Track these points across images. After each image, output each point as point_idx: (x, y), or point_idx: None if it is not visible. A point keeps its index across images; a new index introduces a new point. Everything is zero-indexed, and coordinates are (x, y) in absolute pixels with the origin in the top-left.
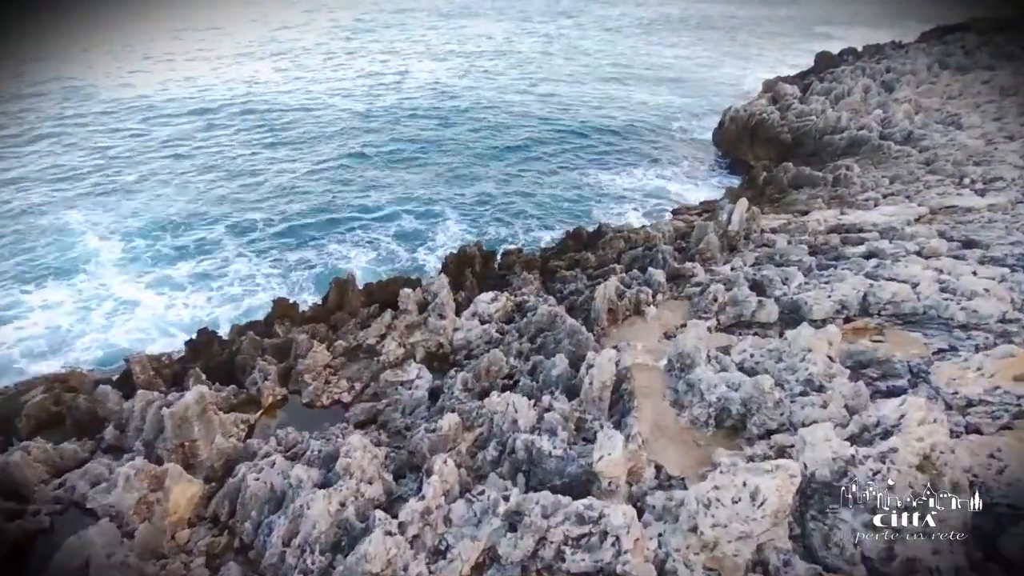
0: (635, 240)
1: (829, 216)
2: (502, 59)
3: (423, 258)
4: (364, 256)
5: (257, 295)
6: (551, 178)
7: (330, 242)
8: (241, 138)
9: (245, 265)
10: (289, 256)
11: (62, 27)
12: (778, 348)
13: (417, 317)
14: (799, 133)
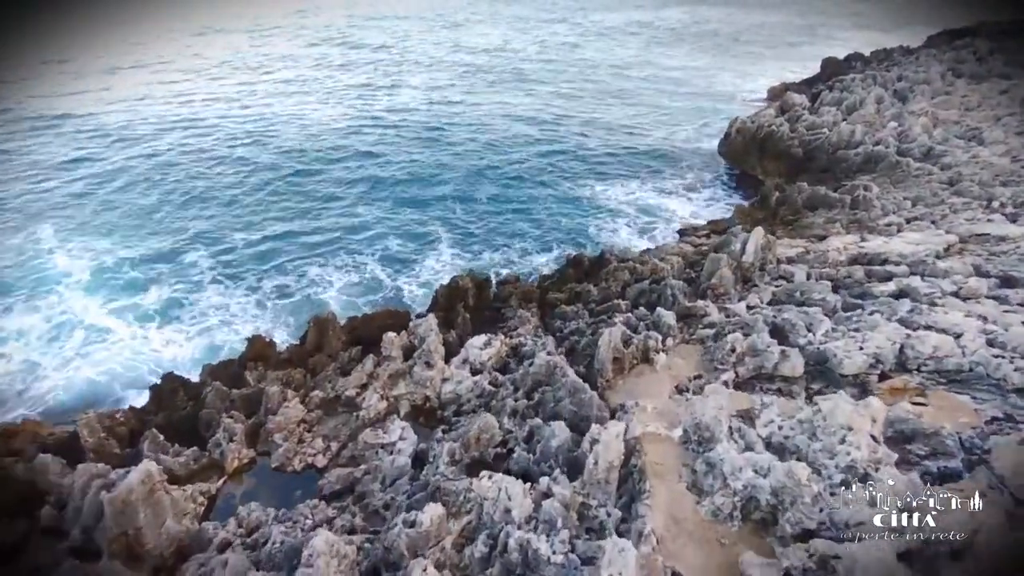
0: (641, 272)
1: (849, 243)
2: (497, 65)
3: (411, 285)
4: (347, 281)
5: (233, 325)
6: (546, 192)
7: (311, 265)
8: (221, 152)
9: (219, 293)
10: (266, 283)
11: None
12: (811, 421)
13: (402, 365)
14: (811, 147)
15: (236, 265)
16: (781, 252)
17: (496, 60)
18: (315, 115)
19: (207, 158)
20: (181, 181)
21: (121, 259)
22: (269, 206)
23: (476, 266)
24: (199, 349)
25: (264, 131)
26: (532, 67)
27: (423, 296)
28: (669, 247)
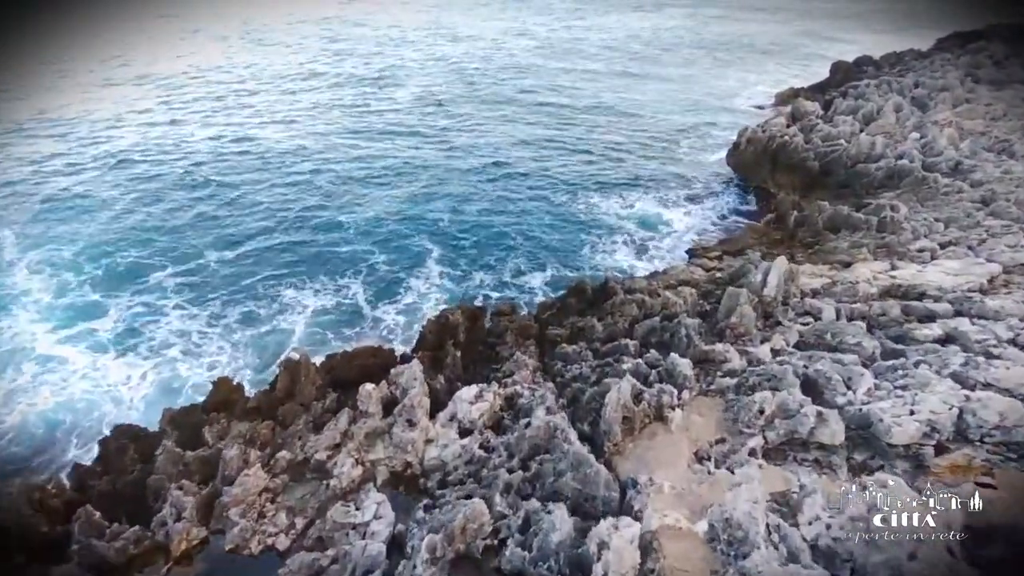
0: (651, 306)
1: (878, 271)
2: (490, 69)
3: (395, 312)
4: (324, 306)
5: (198, 357)
6: (540, 205)
7: (286, 287)
8: (200, 160)
9: (183, 318)
10: (234, 309)
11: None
12: (866, 521)
13: (380, 422)
14: (827, 160)
15: (204, 287)
16: (804, 282)
17: (490, 64)
18: (301, 122)
19: (183, 168)
20: (155, 192)
21: (83, 276)
22: (245, 220)
23: (466, 286)
24: (158, 385)
25: (245, 139)
26: (527, 70)
27: (407, 324)
28: (678, 271)
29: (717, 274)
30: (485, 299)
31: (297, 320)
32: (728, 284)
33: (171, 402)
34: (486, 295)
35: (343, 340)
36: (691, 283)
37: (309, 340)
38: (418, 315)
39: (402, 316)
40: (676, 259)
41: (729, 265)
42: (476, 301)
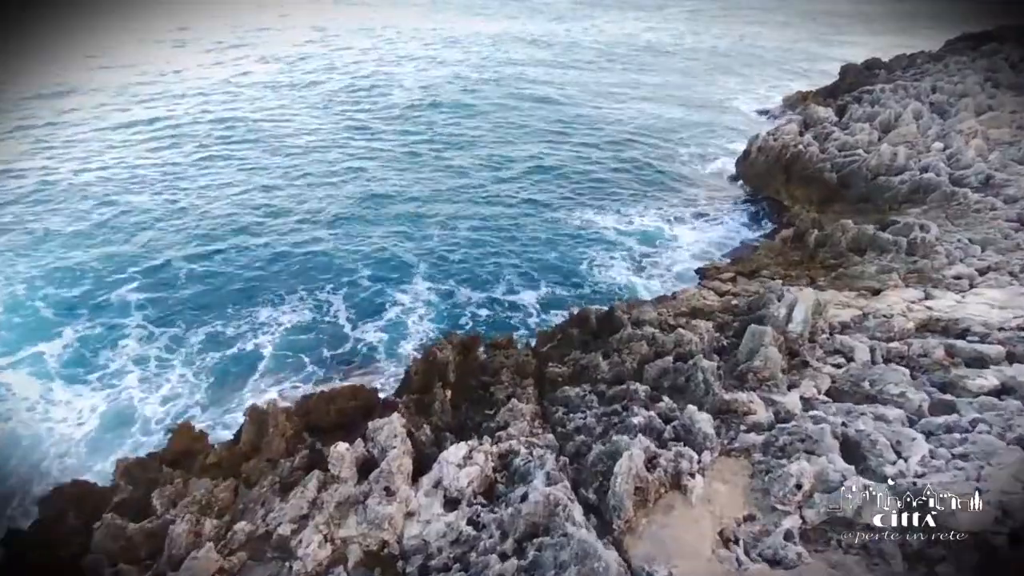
0: (662, 344)
1: (912, 300)
2: (487, 69)
3: (379, 332)
4: (300, 326)
5: (160, 389)
6: (534, 216)
7: (261, 305)
8: (177, 161)
9: (142, 341)
10: (200, 330)
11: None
12: None
13: (354, 489)
14: (845, 172)
15: (170, 303)
16: (832, 313)
17: (485, 69)
18: (287, 123)
19: (162, 169)
20: (128, 193)
21: (36, 289)
22: (221, 229)
23: (454, 304)
24: (108, 421)
25: (227, 140)
26: (522, 74)
27: (390, 342)
28: (689, 295)
29: (733, 300)
30: (474, 319)
31: (270, 342)
32: (746, 315)
33: (124, 440)
34: (475, 314)
35: (320, 363)
36: (704, 311)
37: (282, 366)
38: (403, 336)
39: (385, 334)
40: (683, 278)
41: (745, 290)
42: (464, 319)
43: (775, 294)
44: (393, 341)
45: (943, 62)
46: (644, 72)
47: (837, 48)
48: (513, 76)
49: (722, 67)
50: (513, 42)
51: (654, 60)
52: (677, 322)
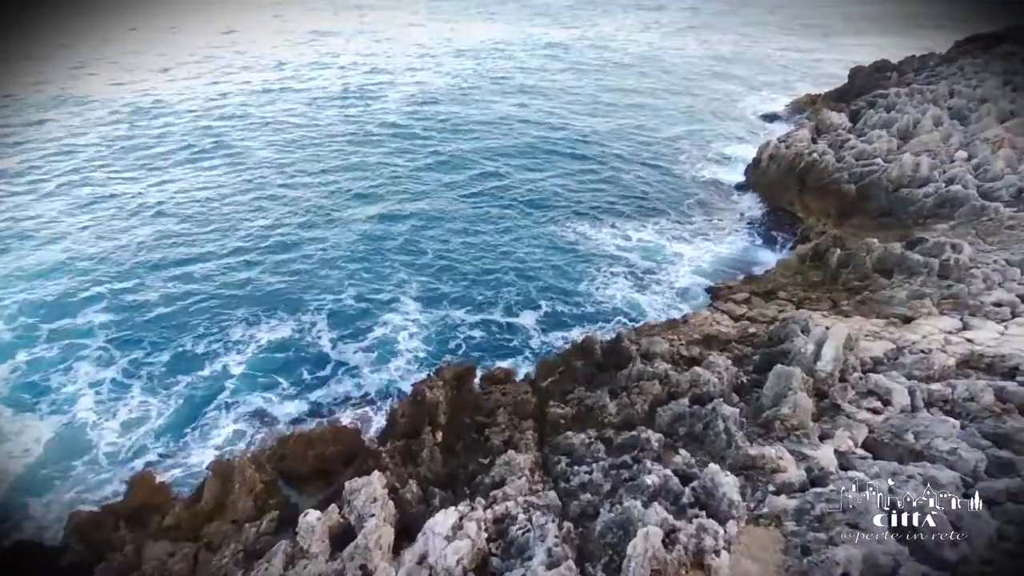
0: (677, 383)
1: (948, 330)
2: (483, 73)
3: (365, 357)
4: (278, 345)
5: (116, 416)
6: (531, 230)
7: (236, 323)
8: (158, 166)
9: (101, 365)
10: (163, 352)
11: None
12: None
13: (325, 566)
14: (864, 183)
15: (137, 322)
16: (863, 346)
17: (481, 75)
18: (271, 131)
19: (139, 174)
20: (99, 204)
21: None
22: (199, 242)
23: (448, 324)
24: (55, 451)
25: (212, 145)
26: (519, 81)
27: (376, 377)
28: (701, 320)
29: (750, 328)
30: (468, 341)
31: (241, 363)
32: (768, 347)
33: (71, 473)
34: (470, 336)
35: (297, 386)
36: (720, 340)
37: (253, 388)
38: (391, 359)
39: (372, 361)
40: (690, 296)
41: (762, 314)
42: (458, 342)
43: (799, 324)
44: (379, 365)
45: (956, 64)
46: (644, 76)
47: (839, 50)
48: (510, 81)
49: (723, 69)
50: (508, 47)
51: (654, 62)
52: (690, 352)
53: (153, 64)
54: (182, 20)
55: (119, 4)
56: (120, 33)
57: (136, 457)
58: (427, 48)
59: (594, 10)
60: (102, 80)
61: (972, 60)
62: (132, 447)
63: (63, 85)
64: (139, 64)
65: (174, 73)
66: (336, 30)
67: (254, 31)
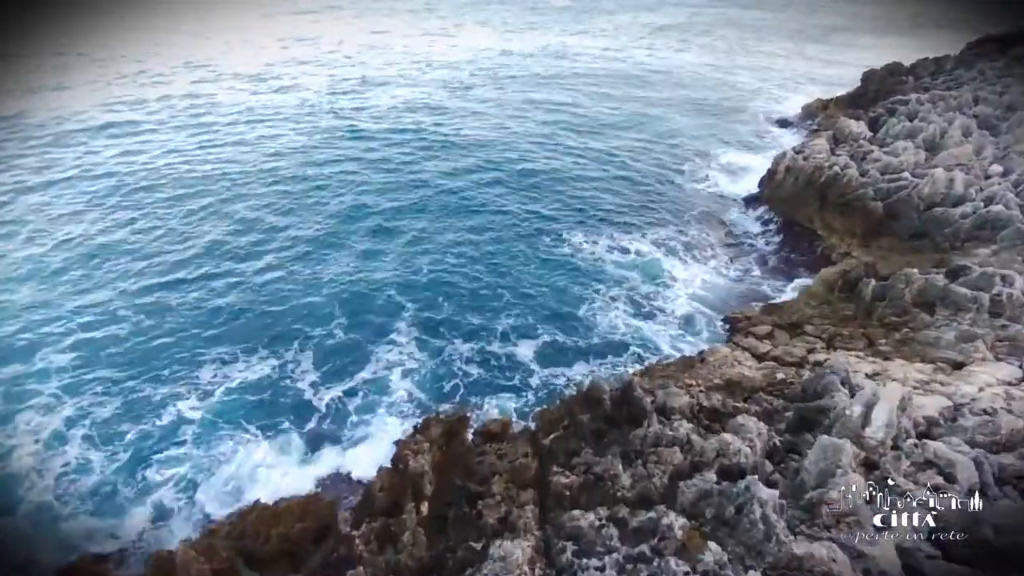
0: (701, 451)
1: (1010, 380)
2: (479, 79)
3: (351, 401)
4: (252, 386)
5: (47, 474)
6: (532, 248)
7: (206, 362)
8: (131, 186)
9: (43, 414)
10: (115, 398)
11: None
12: None
13: None
14: (893, 200)
15: (101, 358)
16: (916, 404)
17: (477, 82)
18: (259, 137)
19: (104, 195)
20: (66, 223)
21: None
22: (174, 266)
23: (443, 359)
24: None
25: (188, 160)
26: (515, 87)
27: (360, 431)
28: (720, 359)
29: (778, 373)
30: (464, 378)
31: (207, 413)
32: (802, 401)
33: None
34: (465, 372)
35: (267, 439)
36: (743, 386)
37: (214, 447)
38: (378, 411)
39: (355, 400)
40: (705, 326)
41: (789, 353)
42: (453, 380)
43: (837, 376)
44: (365, 414)
45: (975, 68)
46: (645, 80)
47: (841, 52)
48: (505, 89)
49: (727, 72)
50: (503, 54)
51: (656, 65)
52: (711, 401)
53: (130, 69)
54: (167, 22)
55: (105, 5)
56: (98, 36)
57: (68, 520)
58: (419, 56)
59: (593, 11)
60: (75, 97)
61: (990, 64)
62: (65, 515)
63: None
64: (113, 71)
65: (147, 79)
66: (322, 36)
67: (240, 34)
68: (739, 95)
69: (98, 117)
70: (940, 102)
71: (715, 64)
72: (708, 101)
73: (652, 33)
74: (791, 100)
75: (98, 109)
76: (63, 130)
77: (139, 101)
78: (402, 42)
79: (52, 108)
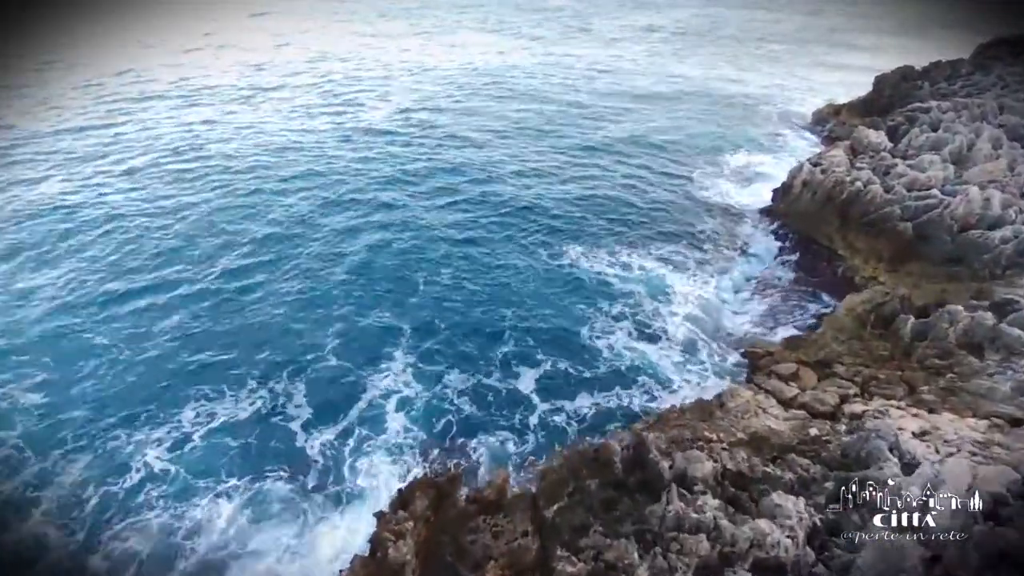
0: (732, 540)
1: None
2: (478, 84)
3: (341, 457)
4: (232, 427)
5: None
6: (526, 268)
7: (191, 398)
8: (95, 185)
9: (10, 475)
10: (75, 456)
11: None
12: None
13: None
14: (922, 221)
15: (64, 400)
16: None
17: (473, 90)
18: (241, 148)
19: (77, 204)
20: (25, 234)
21: None
22: (156, 281)
23: (438, 394)
24: None
25: (172, 170)
26: (510, 88)
27: (349, 486)
28: (741, 406)
29: (811, 427)
30: (458, 414)
31: (186, 464)
32: (842, 469)
33: None
34: (460, 410)
35: (243, 499)
36: (772, 444)
37: (185, 508)
38: (370, 458)
39: (347, 443)
40: (719, 356)
41: (820, 400)
42: (448, 417)
43: (885, 441)
44: (358, 456)
45: (993, 73)
46: (648, 84)
47: (846, 53)
48: (504, 92)
49: (734, 75)
50: (500, 56)
51: (657, 67)
52: (737, 463)
53: (112, 68)
54: (157, 23)
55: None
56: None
57: None
58: (411, 62)
59: (591, 15)
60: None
61: (1008, 68)
62: None
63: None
64: (95, 76)
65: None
66: (312, 39)
67: (231, 37)
68: (746, 99)
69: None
70: (963, 111)
71: (719, 68)
72: (715, 105)
73: (653, 34)
74: (800, 104)
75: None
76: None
77: (106, 123)
78: (396, 44)
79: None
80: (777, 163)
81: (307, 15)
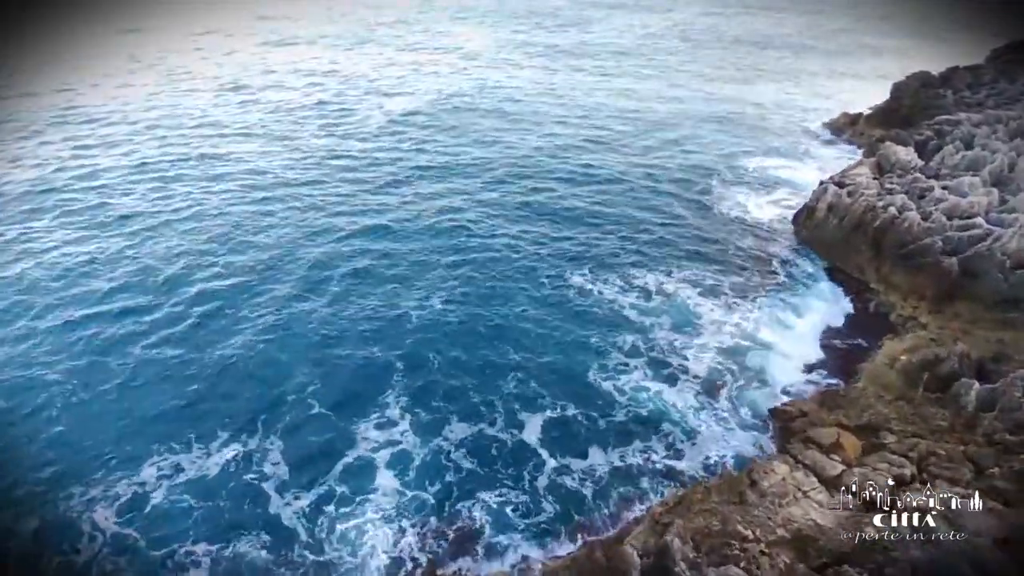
0: None
1: None
2: (473, 90)
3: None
4: (195, 484)
5: None
6: (532, 295)
7: (153, 452)
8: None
9: None
10: (17, 524)
11: None
12: None
13: None
14: (969, 255)
15: (10, 456)
16: None
17: (471, 101)
18: (223, 159)
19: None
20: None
21: None
22: (114, 315)
23: (435, 448)
24: None
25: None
26: (509, 97)
27: (338, 547)
28: (779, 489)
29: (867, 528)
30: (457, 472)
31: (143, 531)
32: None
33: None
34: (459, 468)
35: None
36: (819, 547)
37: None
38: (358, 549)
39: (328, 512)
40: (742, 407)
41: (871, 482)
42: (445, 477)
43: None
44: (341, 524)
45: (1019, 81)
46: (650, 87)
47: (854, 55)
48: (503, 100)
49: (744, 81)
50: (499, 61)
51: (660, 70)
52: (777, 569)
53: (107, 69)
54: (151, 22)
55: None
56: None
57: None
58: (404, 70)
59: (592, 13)
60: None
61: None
62: None
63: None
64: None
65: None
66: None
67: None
68: (758, 107)
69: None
70: (998, 124)
71: (728, 74)
72: (729, 114)
73: (653, 36)
74: (814, 113)
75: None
76: None
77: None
78: (389, 53)
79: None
80: (798, 177)
81: (299, 21)
